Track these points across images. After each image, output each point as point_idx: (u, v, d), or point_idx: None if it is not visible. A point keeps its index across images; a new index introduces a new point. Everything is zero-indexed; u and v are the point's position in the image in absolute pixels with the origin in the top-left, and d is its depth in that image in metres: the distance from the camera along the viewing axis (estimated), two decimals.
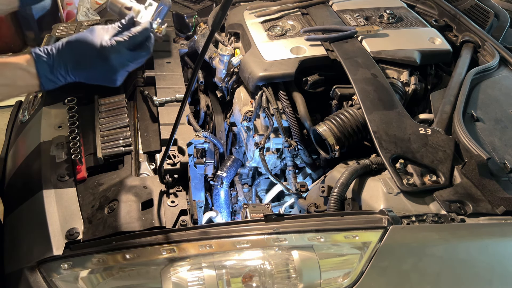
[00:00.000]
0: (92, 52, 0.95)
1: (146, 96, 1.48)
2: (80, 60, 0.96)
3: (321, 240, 0.99)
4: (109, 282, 0.95)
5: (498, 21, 1.85)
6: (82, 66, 0.96)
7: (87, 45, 0.95)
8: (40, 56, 0.93)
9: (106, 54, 0.95)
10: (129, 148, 1.29)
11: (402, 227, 1.00)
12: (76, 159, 1.22)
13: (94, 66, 0.97)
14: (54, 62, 0.94)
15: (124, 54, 0.98)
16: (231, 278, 0.95)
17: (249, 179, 1.97)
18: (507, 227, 1.04)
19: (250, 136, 1.61)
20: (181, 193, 1.14)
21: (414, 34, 1.67)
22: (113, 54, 0.96)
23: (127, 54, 0.98)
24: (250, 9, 1.88)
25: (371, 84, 1.39)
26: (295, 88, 1.54)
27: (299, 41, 1.64)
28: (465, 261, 1.02)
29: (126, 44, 0.97)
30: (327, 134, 1.32)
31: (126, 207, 1.07)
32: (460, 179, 1.14)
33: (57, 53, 0.94)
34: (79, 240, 1.02)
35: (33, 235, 1.06)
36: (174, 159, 1.22)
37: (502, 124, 1.33)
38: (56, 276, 0.95)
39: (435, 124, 1.32)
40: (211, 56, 1.88)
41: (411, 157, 1.17)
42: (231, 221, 1.37)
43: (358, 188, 1.18)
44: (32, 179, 1.20)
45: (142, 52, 1.01)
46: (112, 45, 0.95)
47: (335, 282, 0.97)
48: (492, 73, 1.54)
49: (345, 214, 1.06)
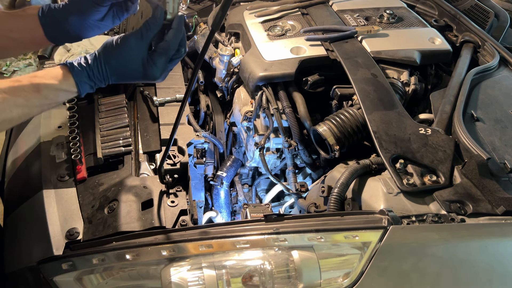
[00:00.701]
0: (136, 71, 0.95)
1: (146, 96, 1.48)
2: (121, 74, 0.96)
3: (321, 240, 0.99)
4: (109, 282, 0.95)
5: (498, 21, 1.85)
6: (123, 78, 0.97)
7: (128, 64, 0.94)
8: (82, 79, 0.93)
9: (151, 74, 0.95)
10: (129, 148, 1.29)
11: (402, 227, 1.00)
12: (76, 159, 1.22)
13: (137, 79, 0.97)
14: (95, 78, 0.94)
15: (165, 65, 0.97)
16: (231, 278, 0.95)
17: (249, 179, 1.97)
18: (507, 227, 1.04)
19: (250, 136, 1.61)
20: (181, 193, 1.14)
21: (414, 34, 1.67)
22: (156, 71, 0.95)
23: (168, 64, 0.97)
24: (250, 9, 1.88)
25: (371, 84, 1.39)
26: (295, 88, 1.54)
27: (299, 41, 1.64)
28: (465, 261, 1.02)
29: (166, 57, 0.95)
30: (327, 134, 1.32)
31: (126, 207, 1.07)
32: (460, 179, 1.14)
33: (97, 71, 0.93)
34: (79, 240, 1.02)
35: (33, 235, 1.06)
36: (174, 159, 1.22)
37: (502, 124, 1.33)
38: (56, 276, 0.95)
39: (435, 124, 1.32)
40: (211, 56, 1.88)
41: (411, 157, 1.17)
42: (231, 221, 1.37)
43: (358, 188, 1.18)
44: (32, 179, 1.20)
45: (180, 52, 0.98)
46: (154, 64, 0.94)
47: (335, 282, 0.97)
48: (492, 73, 1.54)
49: (345, 214, 1.06)
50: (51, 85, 0.91)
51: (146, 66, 0.94)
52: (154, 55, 0.94)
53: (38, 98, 0.91)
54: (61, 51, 1.61)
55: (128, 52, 0.93)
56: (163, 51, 0.94)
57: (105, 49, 0.94)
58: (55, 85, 0.92)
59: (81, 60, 0.93)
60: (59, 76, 0.92)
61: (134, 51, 0.93)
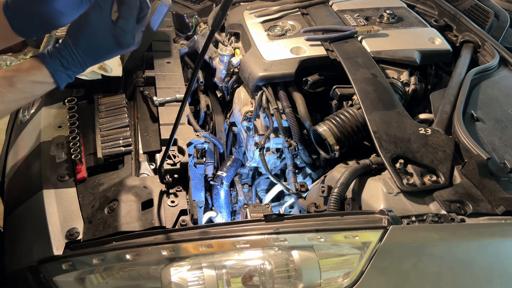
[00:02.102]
0: (107, 45, 0.91)
1: (146, 96, 1.48)
2: (96, 54, 0.93)
3: (321, 240, 0.99)
4: (109, 282, 0.95)
5: (498, 21, 1.85)
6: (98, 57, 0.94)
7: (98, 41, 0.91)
8: (56, 68, 0.90)
9: (122, 43, 0.92)
10: (129, 148, 1.29)
11: (402, 227, 1.00)
12: (76, 159, 1.22)
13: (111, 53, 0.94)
14: (69, 65, 0.91)
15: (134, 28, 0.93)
16: (231, 278, 0.95)
17: (249, 179, 1.97)
18: (507, 227, 1.04)
19: (250, 136, 1.61)
20: (181, 193, 1.14)
21: (414, 34, 1.67)
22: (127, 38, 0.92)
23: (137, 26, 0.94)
24: (250, 9, 1.88)
25: (371, 84, 1.39)
26: (295, 88, 1.54)
27: (299, 41, 1.64)
28: (465, 261, 1.02)
29: (132, 19, 0.91)
30: (327, 134, 1.32)
31: (126, 207, 1.07)
32: (460, 179, 1.14)
33: (69, 57, 0.90)
34: (79, 240, 1.02)
35: (33, 235, 1.06)
36: (174, 159, 1.22)
37: (502, 124, 1.33)
38: (56, 276, 0.95)
39: (435, 124, 1.32)
40: (211, 56, 1.88)
41: (411, 157, 1.17)
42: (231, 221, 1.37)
43: (358, 188, 1.18)
44: (32, 179, 1.20)
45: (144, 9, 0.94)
46: (125, 33, 0.91)
47: (335, 282, 0.97)
48: (492, 73, 1.54)
49: (345, 214, 1.06)
50: (25, 78, 0.88)
51: (116, 36, 0.90)
52: (119, 21, 0.90)
53: (14, 93, 0.87)
54: None
55: (94, 28, 0.89)
56: (127, 14, 0.90)
57: (70, 32, 0.90)
58: (30, 78, 0.89)
59: (52, 49, 0.90)
60: (32, 69, 0.89)
61: (99, 25, 0.89)
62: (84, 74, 1.52)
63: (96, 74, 1.54)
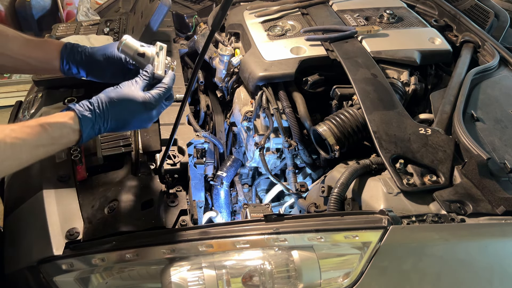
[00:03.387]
0: (136, 107, 1.03)
1: None
2: (122, 115, 1.03)
3: (321, 240, 0.99)
4: (109, 282, 0.95)
5: (498, 21, 1.85)
6: (123, 120, 1.04)
7: (129, 102, 1.03)
8: (84, 115, 0.98)
9: (150, 108, 1.04)
10: (129, 148, 1.29)
11: (402, 227, 1.00)
12: (76, 159, 1.22)
13: (135, 118, 1.05)
14: (97, 119, 1.00)
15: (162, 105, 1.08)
16: (231, 278, 0.95)
17: (249, 179, 1.97)
18: (507, 227, 1.04)
19: (250, 136, 1.61)
20: (181, 193, 1.14)
21: (414, 34, 1.67)
22: (155, 107, 1.05)
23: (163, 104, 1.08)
24: (250, 9, 1.88)
25: (371, 84, 1.39)
26: (295, 88, 1.54)
27: (299, 41, 1.64)
28: (465, 261, 1.02)
29: (164, 96, 1.07)
30: (327, 134, 1.32)
31: (126, 207, 1.07)
32: (460, 179, 1.14)
33: (99, 111, 1.00)
34: (79, 240, 1.02)
35: (33, 235, 1.06)
36: (174, 159, 1.22)
37: (502, 124, 1.33)
38: (56, 276, 0.95)
39: (435, 124, 1.32)
40: (211, 56, 1.88)
41: (411, 157, 1.17)
42: (231, 221, 1.37)
43: (358, 188, 1.18)
44: (32, 179, 1.20)
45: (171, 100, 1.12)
46: (153, 99, 1.04)
47: (335, 282, 0.97)
48: (492, 73, 1.54)
49: (345, 214, 1.06)
50: (56, 123, 0.95)
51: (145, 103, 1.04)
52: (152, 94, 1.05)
53: (44, 138, 0.92)
54: None
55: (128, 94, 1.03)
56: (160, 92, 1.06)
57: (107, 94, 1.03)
58: (61, 122, 0.95)
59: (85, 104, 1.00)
60: (63, 115, 0.97)
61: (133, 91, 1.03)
62: None
63: None
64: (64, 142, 0.97)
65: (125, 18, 1.99)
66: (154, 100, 1.04)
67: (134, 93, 1.03)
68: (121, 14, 2.11)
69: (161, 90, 1.06)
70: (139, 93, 1.03)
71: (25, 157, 0.91)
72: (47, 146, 0.94)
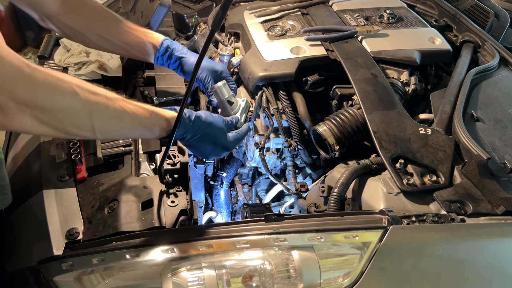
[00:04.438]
0: (220, 138, 1.19)
1: (146, 96, 1.48)
2: (207, 138, 1.15)
3: (321, 240, 0.99)
4: (109, 282, 0.95)
5: (498, 21, 1.85)
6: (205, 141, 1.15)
7: (218, 130, 1.18)
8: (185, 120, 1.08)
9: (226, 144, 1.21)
10: (129, 148, 1.29)
11: (402, 227, 1.00)
12: (76, 159, 1.22)
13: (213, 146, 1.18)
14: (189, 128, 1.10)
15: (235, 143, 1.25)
16: (231, 278, 0.95)
17: (249, 179, 1.97)
18: (507, 227, 1.04)
19: (250, 136, 1.61)
20: (181, 193, 1.14)
21: (414, 34, 1.67)
22: (230, 146, 1.22)
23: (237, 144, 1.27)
24: (250, 9, 1.88)
25: (371, 84, 1.39)
26: (295, 88, 1.54)
27: (299, 41, 1.64)
28: (465, 261, 1.02)
29: (238, 142, 1.27)
30: (327, 134, 1.32)
31: (126, 207, 1.07)
32: (460, 179, 1.14)
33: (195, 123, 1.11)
34: (79, 240, 1.02)
35: (33, 235, 1.06)
36: (174, 159, 1.22)
37: (502, 124, 1.33)
38: (56, 276, 0.95)
39: (435, 124, 1.32)
40: (211, 56, 1.88)
41: (411, 157, 1.17)
42: (231, 221, 1.37)
43: (358, 188, 1.18)
44: (32, 179, 1.20)
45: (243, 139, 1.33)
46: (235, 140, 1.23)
47: (335, 282, 0.97)
48: (492, 73, 1.54)
49: (345, 214, 1.06)
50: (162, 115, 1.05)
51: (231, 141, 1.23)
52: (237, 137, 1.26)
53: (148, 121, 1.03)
54: (61, 51, 1.61)
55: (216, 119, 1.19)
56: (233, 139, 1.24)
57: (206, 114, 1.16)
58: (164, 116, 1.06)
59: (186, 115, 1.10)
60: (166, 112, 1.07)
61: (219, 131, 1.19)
62: (84, 74, 1.53)
63: (96, 74, 1.54)
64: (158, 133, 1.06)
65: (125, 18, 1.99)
66: (232, 138, 1.22)
67: (224, 128, 1.20)
68: (121, 14, 2.11)
69: (239, 135, 1.26)
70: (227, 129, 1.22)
71: (127, 126, 1.00)
72: (144, 129, 1.03)
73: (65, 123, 0.89)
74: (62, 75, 0.86)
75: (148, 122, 1.03)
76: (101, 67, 1.54)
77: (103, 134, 0.98)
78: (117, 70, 1.56)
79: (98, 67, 1.53)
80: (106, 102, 0.93)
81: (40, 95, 0.82)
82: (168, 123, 1.06)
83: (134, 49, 1.33)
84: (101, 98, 0.92)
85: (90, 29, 1.26)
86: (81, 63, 1.54)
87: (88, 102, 0.89)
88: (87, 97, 0.89)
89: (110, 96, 0.95)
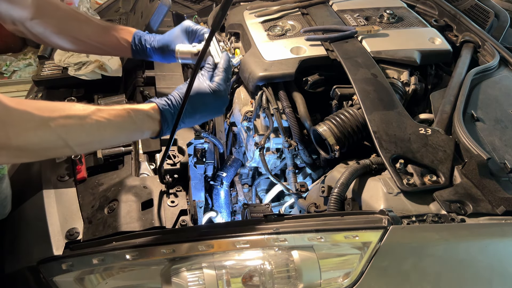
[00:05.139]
0: (207, 98, 1.10)
1: (146, 96, 1.48)
2: (197, 108, 1.10)
3: (321, 240, 0.99)
4: (109, 282, 0.95)
5: (498, 21, 1.85)
6: (199, 111, 1.11)
7: (201, 95, 1.10)
8: (165, 108, 1.04)
9: (218, 94, 1.12)
10: (129, 148, 1.29)
11: (402, 227, 1.00)
12: (76, 159, 1.22)
13: (209, 108, 1.12)
14: (175, 112, 1.05)
15: (226, 86, 1.15)
16: (231, 278, 0.95)
17: (249, 179, 1.97)
18: (507, 227, 1.04)
19: (250, 136, 1.61)
20: (181, 193, 1.14)
21: (414, 34, 1.67)
22: (222, 92, 1.13)
23: (228, 85, 1.16)
24: (250, 9, 1.88)
25: (371, 84, 1.39)
26: (295, 88, 1.54)
27: (299, 41, 1.64)
28: (465, 261, 1.02)
29: (225, 78, 1.16)
30: (327, 134, 1.32)
31: (126, 207, 1.07)
32: (460, 179, 1.14)
33: (177, 105, 1.06)
34: (79, 240, 1.02)
35: (33, 235, 1.06)
36: (174, 159, 1.22)
37: (502, 124, 1.33)
38: (56, 276, 0.95)
39: (435, 124, 1.32)
40: None
41: (411, 157, 1.17)
42: (231, 221, 1.37)
43: (358, 188, 1.18)
44: (32, 179, 1.20)
45: (230, 76, 1.21)
46: (219, 85, 1.12)
47: (335, 282, 0.97)
48: (492, 73, 1.54)
49: (345, 214, 1.06)
50: (139, 109, 1.00)
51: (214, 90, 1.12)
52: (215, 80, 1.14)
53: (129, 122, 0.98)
54: (61, 51, 1.61)
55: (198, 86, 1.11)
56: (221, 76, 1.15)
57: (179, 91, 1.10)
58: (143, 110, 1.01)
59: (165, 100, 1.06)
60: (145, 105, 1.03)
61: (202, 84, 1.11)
62: (84, 74, 1.52)
63: (96, 74, 1.54)
64: (145, 130, 1.02)
65: (125, 18, 1.99)
66: (220, 86, 1.12)
67: (203, 86, 1.10)
68: (121, 14, 2.11)
69: (221, 75, 1.15)
70: (207, 84, 1.11)
71: (108, 136, 0.96)
72: (129, 131, 1.00)
73: (42, 154, 0.90)
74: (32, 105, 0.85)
75: (129, 124, 0.99)
76: (101, 67, 1.54)
77: (85, 150, 0.98)
78: (117, 70, 1.56)
79: (98, 67, 1.53)
80: (80, 122, 0.90)
81: (13, 134, 0.81)
82: (149, 116, 1.01)
83: (109, 47, 1.32)
84: (74, 120, 0.89)
85: (64, 32, 1.26)
86: (81, 63, 1.54)
87: (62, 131, 0.87)
88: (59, 125, 0.86)
89: (83, 114, 0.91)
